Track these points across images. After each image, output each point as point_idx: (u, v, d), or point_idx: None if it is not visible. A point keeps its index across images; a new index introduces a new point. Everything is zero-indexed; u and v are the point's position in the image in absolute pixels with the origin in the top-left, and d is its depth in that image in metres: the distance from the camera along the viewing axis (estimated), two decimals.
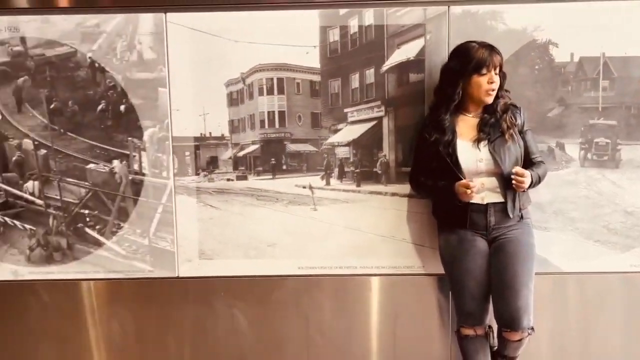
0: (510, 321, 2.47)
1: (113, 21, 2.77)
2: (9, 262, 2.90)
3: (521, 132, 2.55)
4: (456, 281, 2.61)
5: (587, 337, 2.91)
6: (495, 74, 2.47)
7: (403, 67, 2.76)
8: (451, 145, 2.51)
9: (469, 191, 2.42)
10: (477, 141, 2.50)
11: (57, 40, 2.78)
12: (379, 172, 2.83)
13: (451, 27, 2.73)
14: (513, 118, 2.53)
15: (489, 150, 2.48)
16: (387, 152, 2.81)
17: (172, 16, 2.75)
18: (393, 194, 2.83)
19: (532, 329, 2.51)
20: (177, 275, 2.89)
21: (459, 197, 2.46)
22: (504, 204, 2.51)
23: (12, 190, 2.86)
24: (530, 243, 2.56)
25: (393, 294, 2.89)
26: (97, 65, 2.79)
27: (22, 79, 2.80)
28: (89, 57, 2.78)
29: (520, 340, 2.52)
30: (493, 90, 2.47)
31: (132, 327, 2.92)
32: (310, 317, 2.91)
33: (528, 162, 2.56)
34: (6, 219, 2.88)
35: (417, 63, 2.75)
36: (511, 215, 2.51)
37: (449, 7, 2.72)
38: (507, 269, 2.49)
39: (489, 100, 2.48)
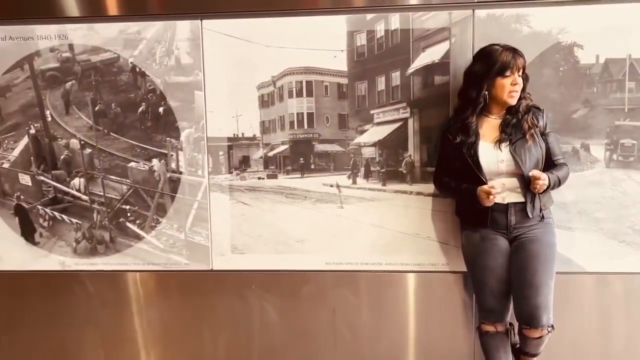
0: (529, 318, 2.53)
1: (152, 28, 2.94)
2: (57, 253, 3.11)
3: (543, 134, 2.59)
4: (477, 279, 2.68)
5: (609, 338, 2.92)
6: (519, 75, 2.52)
7: (428, 70, 2.84)
8: (473, 147, 2.57)
9: (491, 197, 2.50)
10: (499, 142, 2.56)
11: (101, 46, 2.97)
12: (404, 171, 2.91)
13: (476, 31, 2.79)
14: (535, 119, 2.57)
15: (510, 151, 2.53)
16: (412, 152, 2.90)
17: (208, 23, 2.91)
18: (418, 193, 2.91)
19: (552, 326, 2.56)
20: (211, 268, 3.05)
21: (480, 202, 2.54)
22: (525, 204, 2.57)
23: (60, 186, 3.08)
24: (551, 242, 2.60)
25: (418, 291, 2.97)
26: (138, 69, 2.97)
27: (69, 83, 3.01)
28: (131, 62, 2.97)
29: (540, 337, 2.56)
30: (516, 92, 2.52)
31: (169, 316, 3.10)
32: (337, 310, 3.02)
33: (550, 163, 2.59)
34: (55, 213, 3.10)
35: (442, 66, 2.82)
36: (531, 216, 2.56)
37: (473, 10, 2.79)
38: (527, 268, 2.54)
39: (513, 101, 2.54)
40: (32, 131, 3.05)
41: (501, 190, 2.54)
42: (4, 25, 2.98)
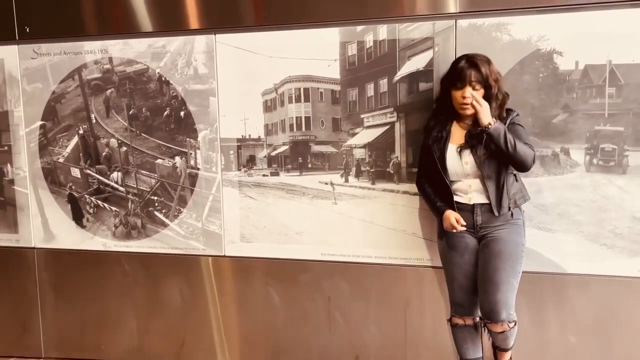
0: (489, 313, 2.67)
1: (175, 42, 3.37)
2: (100, 236, 3.65)
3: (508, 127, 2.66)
4: (447, 274, 2.86)
5: (590, 339, 2.97)
6: (475, 89, 2.61)
7: (413, 77, 3.03)
8: (441, 149, 2.75)
9: (453, 230, 2.71)
10: (463, 146, 2.71)
11: (134, 59, 3.45)
12: (392, 172, 3.13)
13: (458, 40, 2.94)
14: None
15: (472, 154, 2.68)
16: (399, 154, 3.11)
17: (221, 37, 3.28)
18: (404, 192, 3.12)
19: (515, 322, 2.69)
20: (223, 254, 3.44)
21: (444, 225, 2.75)
22: (490, 204, 2.71)
23: (102, 179, 3.61)
24: (516, 242, 2.72)
25: (405, 283, 3.18)
26: (163, 79, 3.42)
27: (109, 90, 3.52)
28: (157, 72, 3.42)
29: (502, 332, 2.70)
30: (466, 104, 2.62)
31: (188, 294, 3.53)
32: (332, 297, 3.30)
33: None
34: (98, 201, 3.63)
35: (426, 73, 3.00)
36: (497, 214, 2.69)
37: (456, 21, 2.94)
38: (489, 265, 2.68)
39: (466, 113, 2.65)
40: (81, 131, 3.60)
41: (467, 191, 2.71)
42: (60, 42, 3.54)
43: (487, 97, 2.64)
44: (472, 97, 2.60)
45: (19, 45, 3.61)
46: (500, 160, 2.65)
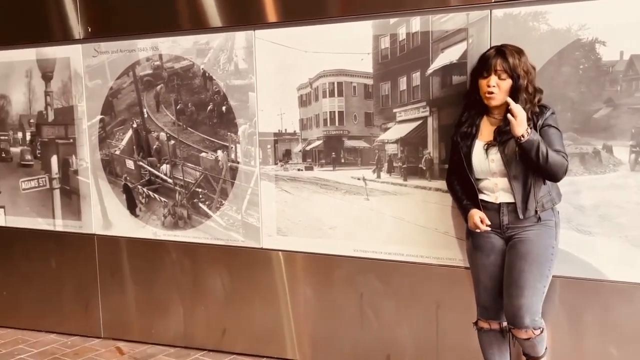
0: (512, 317, 2.54)
1: (217, 39, 3.46)
2: (151, 225, 3.83)
3: (541, 128, 2.53)
4: (473, 275, 2.74)
5: (633, 351, 2.74)
6: (502, 78, 2.50)
7: (446, 70, 2.93)
8: (469, 145, 2.64)
9: (477, 229, 2.61)
10: (490, 143, 2.59)
11: (181, 55, 3.58)
12: (424, 168, 3.04)
13: (493, 30, 2.80)
14: (534, 119, 2.54)
15: (499, 152, 2.55)
16: (431, 149, 3.01)
17: (259, 33, 3.33)
18: (436, 189, 3.02)
19: (541, 329, 2.54)
20: (261, 246, 3.50)
21: (468, 225, 2.66)
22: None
23: (153, 170, 3.78)
24: (545, 244, 2.56)
25: (436, 283, 3.09)
26: (207, 74, 3.52)
27: (159, 86, 3.68)
28: (202, 68, 3.53)
29: (528, 339, 2.56)
30: (492, 93, 2.51)
31: (228, 283, 3.63)
32: (364, 294, 3.27)
33: None
34: (149, 192, 3.81)
35: (459, 66, 2.89)
36: (522, 217, 2.55)
37: (491, 10, 2.80)
38: (515, 268, 2.55)
39: (491, 103, 2.54)
40: (134, 125, 3.79)
41: (494, 190, 2.59)
42: (116, 41, 3.75)
43: (515, 88, 2.51)
44: (504, 98, 2.50)
45: (82, 44, 3.86)
46: (529, 165, 2.51)
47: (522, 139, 2.42)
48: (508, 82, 2.51)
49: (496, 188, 2.60)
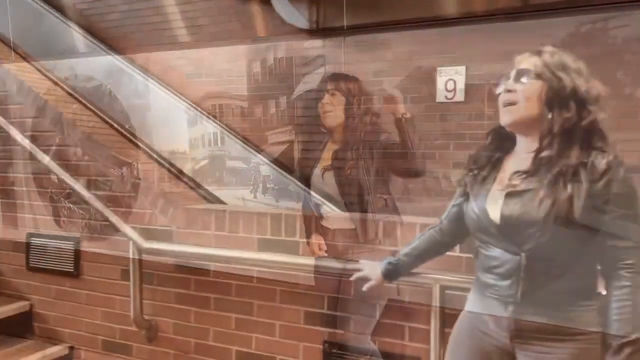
0: None
1: None
2: None
3: None
4: None
5: None
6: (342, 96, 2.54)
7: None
8: (312, 171, 2.69)
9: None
10: (325, 170, 2.63)
11: None
12: (292, 190, 3.11)
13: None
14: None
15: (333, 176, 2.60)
16: (298, 172, 3.07)
17: None
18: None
19: None
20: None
21: None
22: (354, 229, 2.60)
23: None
24: None
25: None
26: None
27: None
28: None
29: None
30: (326, 111, 2.55)
31: None
32: None
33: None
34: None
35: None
36: (361, 240, 2.58)
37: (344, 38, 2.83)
38: None
39: (325, 122, 2.58)
40: None
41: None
42: None
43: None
44: None
45: None
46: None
47: None
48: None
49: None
